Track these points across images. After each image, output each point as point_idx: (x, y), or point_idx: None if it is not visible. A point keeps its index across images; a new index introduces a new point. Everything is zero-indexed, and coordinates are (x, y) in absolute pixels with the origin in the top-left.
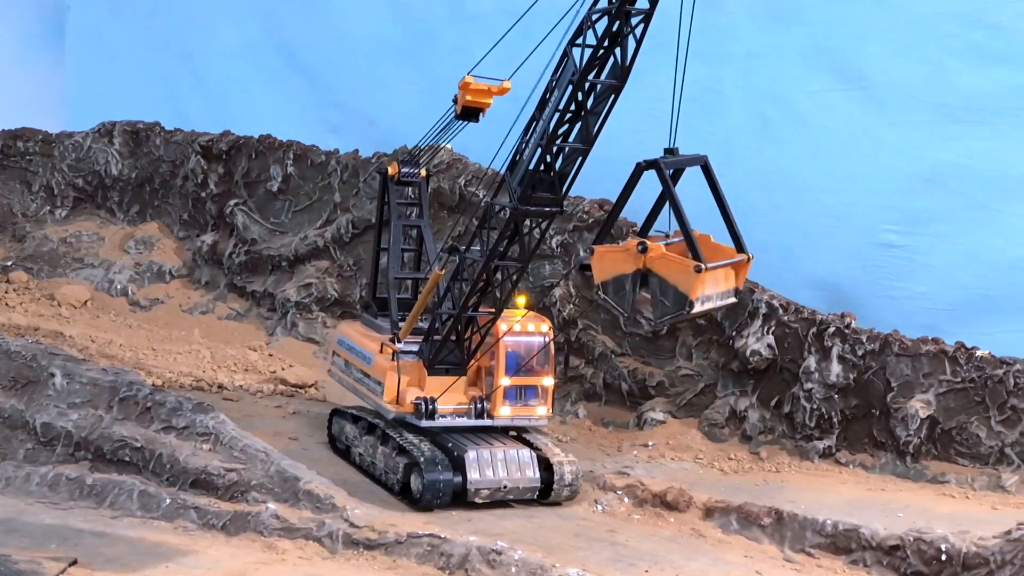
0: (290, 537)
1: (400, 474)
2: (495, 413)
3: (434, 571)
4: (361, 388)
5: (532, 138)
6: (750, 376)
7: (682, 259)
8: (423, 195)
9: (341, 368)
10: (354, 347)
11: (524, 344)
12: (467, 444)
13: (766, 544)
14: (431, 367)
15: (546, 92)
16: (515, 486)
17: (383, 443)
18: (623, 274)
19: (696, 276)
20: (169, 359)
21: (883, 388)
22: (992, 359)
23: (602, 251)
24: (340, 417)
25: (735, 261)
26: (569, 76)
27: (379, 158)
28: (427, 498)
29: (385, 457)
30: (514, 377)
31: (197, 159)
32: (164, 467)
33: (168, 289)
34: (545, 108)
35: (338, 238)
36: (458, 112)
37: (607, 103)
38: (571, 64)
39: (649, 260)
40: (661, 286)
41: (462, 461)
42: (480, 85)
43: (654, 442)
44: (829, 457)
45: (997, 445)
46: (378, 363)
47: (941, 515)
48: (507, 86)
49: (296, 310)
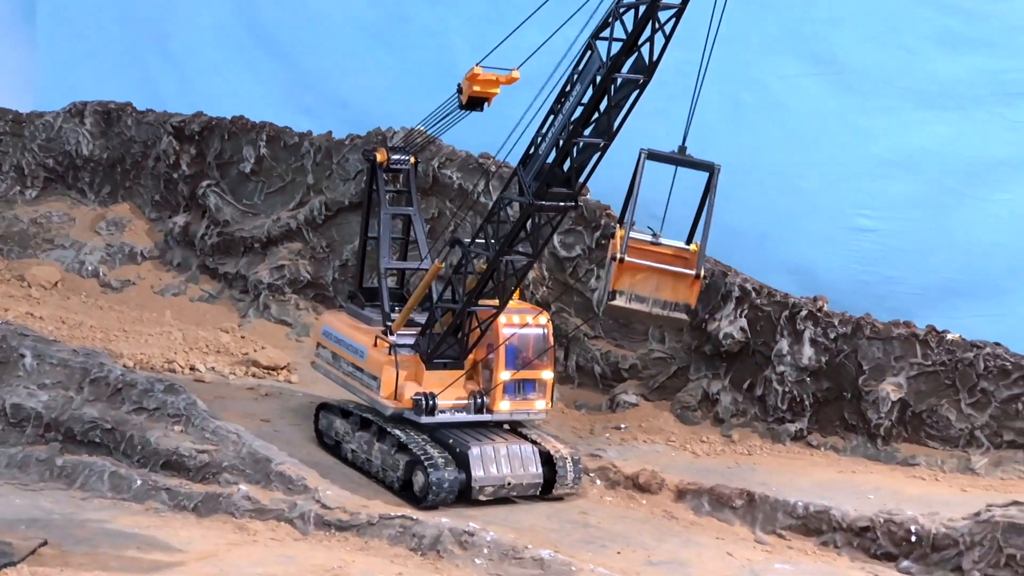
0: (262, 518)
1: (401, 472)
2: (494, 407)
3: (406, 552)
4: (352, 382)
5: (550, 132)
6: (722, 359)
7: (613, 249)
8: (412, 183)
9: (328, 361)
10: (343, 340)
11: (523, 337)
12: (469, 440)
13: (738, 526)
14: (429, 361)
15: (566, 85)
16: (519, 482)
17: (380, 439)
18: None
19: (613, 264)
20: (140, 341)
21: (854, 371)
22: (962, 342)
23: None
24: (328, 412)
25: (676, 271)
26: (594, 70)
27: (352, 140)
28: (432, 497)
29: (383, 454)
30: (513, 371)
31: (169, 140)
32: (135, 448)
33: (139, 270)
34: (564, 102)
35: (311, 220)
36: (463, 102)
37: (631, 98)
38: (596, 58)
39: (611, 246)
40: (605, 274)
41: (465, 458)
42: (488, 75)
43: (626, 425)
44: (801, 440)
45: (967, 428)
46: (373, 357)
47: (911, 497)
48: (515, 76)
49: (268, 292)
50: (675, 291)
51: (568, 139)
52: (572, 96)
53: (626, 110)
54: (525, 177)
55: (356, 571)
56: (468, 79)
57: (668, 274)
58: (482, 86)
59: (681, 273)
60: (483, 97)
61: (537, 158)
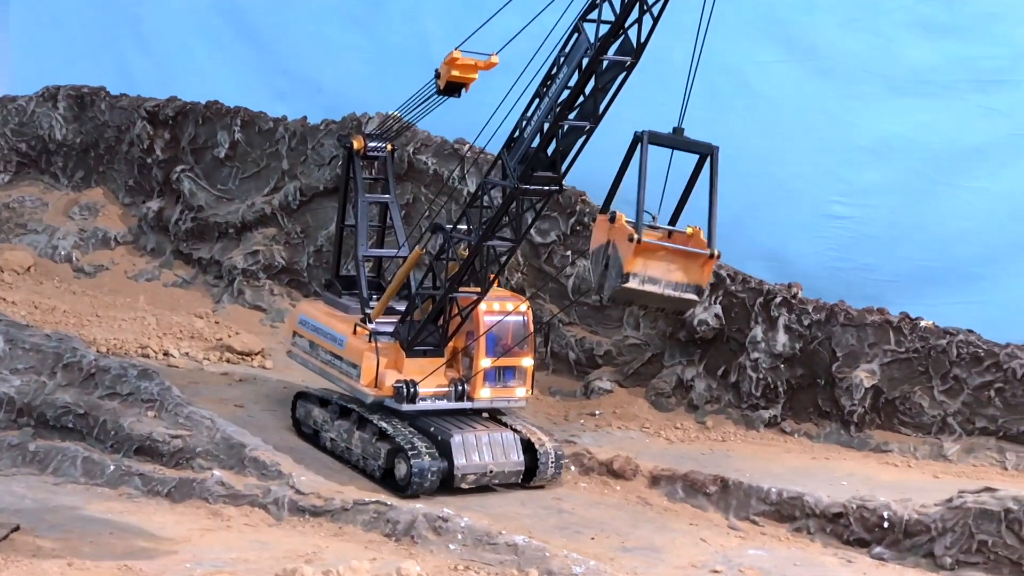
0: (235, 504)
1: (382, 460)
2: (475, 395)
3: (380, 538)
4: (331, 371)
5: (536, 116)
6: (697, 346)
7: (627, 231)
8: (389, 170)
9: (305, 350)
10: (321, 328)
11: (503, 324)
12: (450, 428)
13: (711, 512)
14: (409, 349)
15: (552, 68)
16: (500, 470)
17: (360, 428)
18: (600, 245)
19: (629, 246)
20: (114, 326)
21: (828, 358)
22: (936, 329)
23: (599, 220)
24: (306, 400)
25: (690, 251)
26: (581, 53)
27: (327, 125)
28: (415, 486)
29: (363, 443)
30: (494, 358)
31: (143, 125)
32: (108, 434)
33: (113, 255)
34: (551, 85)
35: (286, 205)
36: (440, 87)
37: (618, 80)
38: (584, 40)
39: (612, 230)
40: (613, 257)
41: (447, 446)
42: (467, 60)
43: (601, 411)
44: (774, 426)
45: (939, 414)
46: (352, 345)
47: (884, 483)
48: (494, 61)
49: (243, 277)
50: (687, 272)
51: (554, 122)
52: (558, 79)
53: (612, 93)
54: (510, 161)
55: (330, 557)
56: (446, 64)
57: (680, 254)
58: (461, 71)
59: (694, 253)
60: (461, 82)
61: (522, 142)
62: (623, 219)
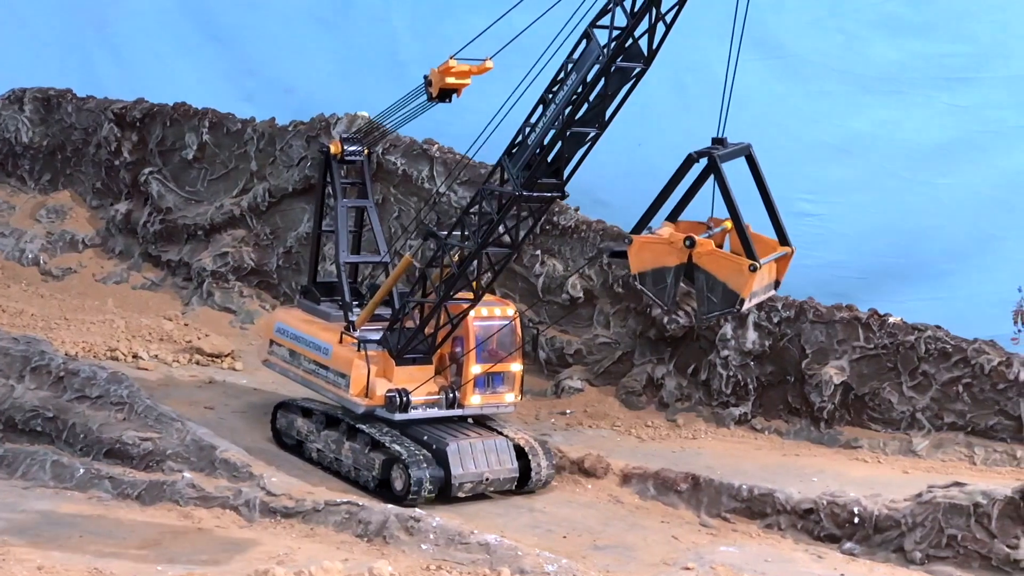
0: (206, 506)
1: (377, 471)
2: (465, 402)
3: (352, 538)
4: (316, 380)
5: (542, 122)
6: (667, 344)
7: (735, 257)
8: (367, 175)
9: (284, 359)
10: (303, 337)
11: (491, 330)
12: (445, 436)
13: (682, 509)
14: (399, 357)
15: (559, 74)
16: (496, 477)
17: (350, 438)
18: (664, 267)
19: (750, 275)
20: (82, 329)
21: (798, 355)
22: (904, 325)
23: (642, 242)
24: (287, 411)
25: (781, 255)
26: (593, 58)
27: (296, 126)
28: (414, 496)
29: (355, 453)
30: (484, 365)
31: (110, 127)
32: (77, 437)
33: (81, 258)
34: (559, 91)
35: (255, 207)
36: (433, 94)
37: (628, 87)
38: (595, 46)
39: (696, 256)
40: (709, 282)
41: (443, 455)
42: (462, 67)
43: (572, 410)
44: (745, 423)
45: (908, 410)
46: (340, 354)
47: (854, 479)
48: (489, 65)
49: (212, 279)
50: (771, 273)
51: (562, 129)
52: (567, 85)
53: (620, 99)
54: (512, 168)
55: (302, 558)
56: (441, 71)
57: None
58: (456, 77)
59: (782, 256)
60: (453, 88)
61: (526, 148)
62: (710, 244)
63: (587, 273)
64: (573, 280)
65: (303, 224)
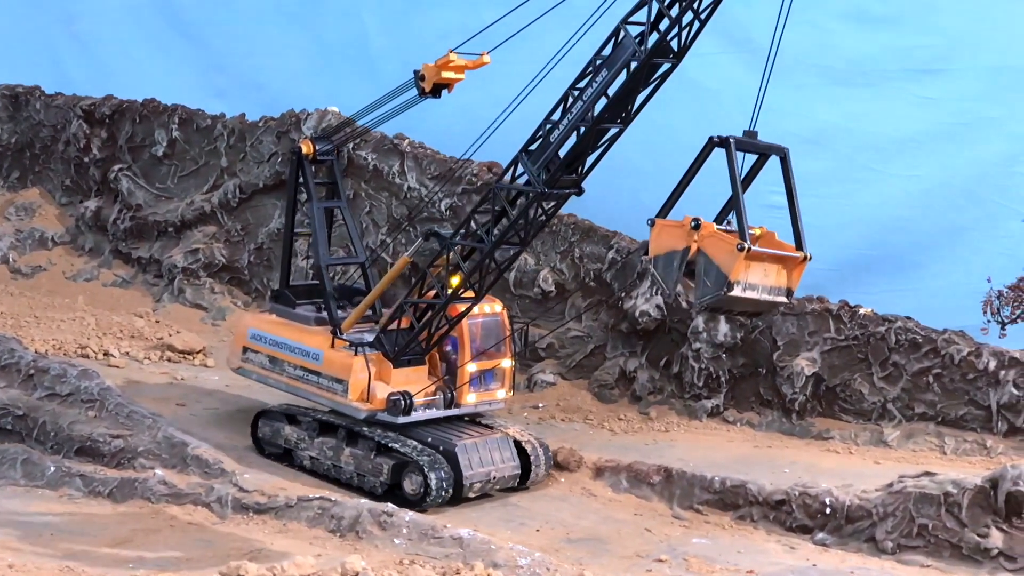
0: (178, 503)
1: (386, 476)
2: (462, 401)
3: (325, 534)
4: (305, 387)
5: (567, 119)
6: (639, 337)
7: (727, 236)
8: (338, 173)
9: (263, 366)
10: (286, 342)
11: (482, 327)
12: (450, 437)
13: (655, 502)
14: (397, 359)
15: (586, 70)
16: (501, 475)
17: (350, 444)
18: (674, 250)
19: (737, 255)
20: (52, 327)
21: (769, 347)
22: (874, 317)
23: (661, 225)
24: (270, 419)
25: (786, 255)
26: (628, 54)
27: (266, 122)
28: (432, 498)
29: (358, 459)
30: (479, 362)
31: (79, 124)
32: (48, 435)
33: (51, 256)
34: (587, 89)
35: (225, 203)
36: (427, 88)
37: (658, 83)
38: (629, 42)
39: (700, 238)
40: (706, 265)
41: (453, 455)
42: (459, 61)
43: (544, 404)
44: (717, 416)
45: (879, 401)
46: (334, 359)
47: (825, 470)
48: (486, 60)
49: (183, 276)
50: (780, 276)
51: (593, 126)
52: (597, 82)
53: (646, 96)
54: (532, 166)
55: (275, 554)
56: (439, 65)
57: (776, 259)
58: (453, 72)
59: (789, 257)
60: (446, 83)
61: (548, 146)
62: (713, 227)
63: (559, 267)
64: (545, 274)
65: (274, 220)
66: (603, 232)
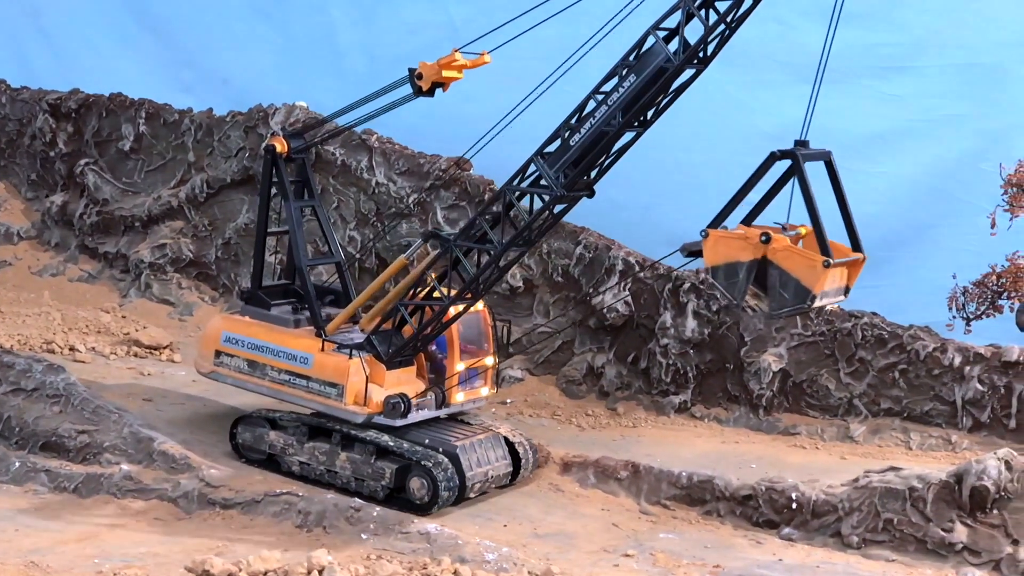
0: (144, 498)
1: (388, 479)
2: (451, 400)
3: (292, 529)
4: (293, 391)
5: (590, 123)
6: (607, 333)
7: (809, 253)
8: (310, 171)
9: (240, 370)
10: (267, 346)
11: (466, 325)
12: (448, 437)
13: (623, 497)
14: (390, 361)
15: (611, 75)
16: (496, 473)
17: (346, 448)
18: (738, 261)
19: (823, 271)
20: (18, 322)
21: (737, 343)
22: (841, 313)
23: (717, 236)
24: (251, 424)
25: (852, 260)
26: (660, 60)
27: (234, 117)
28: (441, 500)
29: (356, 463)
30: (466, 360)
31: (45, 118)
32: (13, 430)
33: (16, 251)
34: (612, 93)
35: (192, 198)
36: (424, 87)
37: (679, 90)
38: (660, 49)
39: (771, 251)
40: (782, 278)
41: (455, 456)
42: (462, 60)
43: (512, 399)
44: (684, 411)
45: (845, 397)
46: (326, 363)
47: (792, 465)
48: (487, 59)
49: (150, 271)
50: (843, 277)
51: (618, 131)
52: (623, 87)
53: (667, 102)
54: (550, 169)
55: (241, 549)
56: (442, 64)
57: (844, 263)
58: (455, 70)
59: (854, 260)
60: (443, 82)
61: (567, 149)
62: (786, 240)
63: (526, 263)
64: (513, 270)
65: (242, 216)
66: (571, 228)
